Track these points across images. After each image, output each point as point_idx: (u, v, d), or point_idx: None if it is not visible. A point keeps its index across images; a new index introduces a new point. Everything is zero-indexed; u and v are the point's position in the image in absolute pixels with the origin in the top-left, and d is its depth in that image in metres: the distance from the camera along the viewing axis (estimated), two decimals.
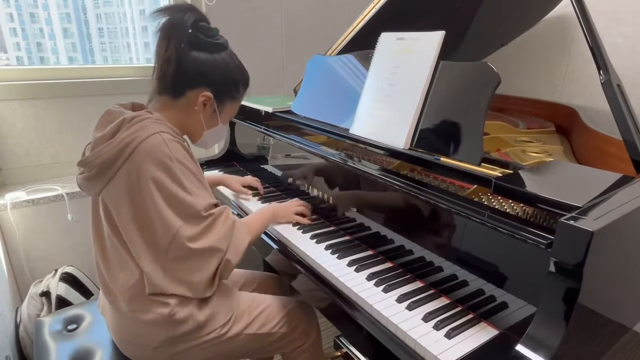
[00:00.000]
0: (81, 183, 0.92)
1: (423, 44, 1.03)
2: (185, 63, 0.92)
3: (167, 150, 0.85)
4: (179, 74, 0.93)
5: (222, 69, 0.97)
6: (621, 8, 1.56)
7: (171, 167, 0.85)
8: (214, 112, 1.01)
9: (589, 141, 1.18)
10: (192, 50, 0.93)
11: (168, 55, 0.91)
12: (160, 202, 0.85)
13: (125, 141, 0.85)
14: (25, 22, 4.17)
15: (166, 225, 0.86)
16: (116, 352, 1.02)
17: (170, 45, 0.90)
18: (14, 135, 1.65)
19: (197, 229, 0.88)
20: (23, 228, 1.58)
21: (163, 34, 0.90)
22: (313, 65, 1.44)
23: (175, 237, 0.86)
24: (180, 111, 0.97)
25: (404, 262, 0.96)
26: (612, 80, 0.90)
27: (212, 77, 0.96)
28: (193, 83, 0.95)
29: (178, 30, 0.90)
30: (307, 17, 2.15)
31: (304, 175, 1.31)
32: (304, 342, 1.12)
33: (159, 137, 0.86)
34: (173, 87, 0.95)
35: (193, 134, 1.03)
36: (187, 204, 0.87)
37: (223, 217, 0.93)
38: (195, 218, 0.88)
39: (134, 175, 0.85)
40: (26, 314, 1.43)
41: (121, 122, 0.87)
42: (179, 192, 0.86)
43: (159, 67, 0.93)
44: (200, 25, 0.93)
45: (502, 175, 0.82)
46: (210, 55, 0.95)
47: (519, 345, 0.64)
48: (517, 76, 1.95)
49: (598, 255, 0.61)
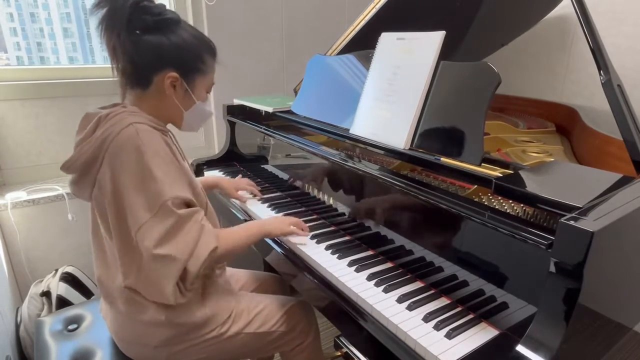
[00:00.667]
0: (71, 189, 0.92)
1: (423, 44, 1.03)
2: (140, 50, 0.87)
3: (137, 141, 0.83)
4: (137, 63, 0.89)
5: (179, 45, 0.90)
6: (622, 8, 1.55)
7: (142, 157, 0.83)
8: (186, 92, 0.95)
9: (590, 141, 1.18)
10: (142, 35, 0.87)
11: (122, 47, 0.86)
12: (132, 194, 0.83)
13: (102, 137, 0.84)
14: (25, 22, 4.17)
15: (134, 216, 0.83)
16: (116, 351, 1.02)
17: (114, 35, 0.85)
18: (15, 135, 1.65)
19: (163, 228, 0.83)
20: (23, 228, 1.58)
21: (105, 25, 0.85)
22: (313, 65, 1.44)
23: (139, 233, 0.83)
24: (154, 100, 0.93)
25: (405, 262, 0.96)
26: (612, 81, 0.90)
27: (171, 56, 0.90)
28: (155, 68, 0.90)
29: (118, 17, 0.84)
30: (308, 17, 2.15)
31: (304, 175, 1.31)
32: (303, 340, 1.13)
33: (132, 128, 0.84)
34: (138, 78, 0.91)
35: (175, 120, 0.99)
36: (154, 192, 0.83)
37: (192, 220, 0.87)
38: (163, 212, 0.83)
39: (110, 169, 0.84)
40: (26, 313, 1.43)
41: (97, 120, 0.87)
42: (148, 182, 0.83)
43: (115, 62, 0.89)
44: (142, 6, 0.86)
45: (503, 175, 0.82)
46: (163, 35, 0.88)
47: (519, 346, 0.64)
48: (518, 76, 1.95)
49: (598, 255, 0.61)
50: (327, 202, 1.21)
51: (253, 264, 1.56)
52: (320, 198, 1.24)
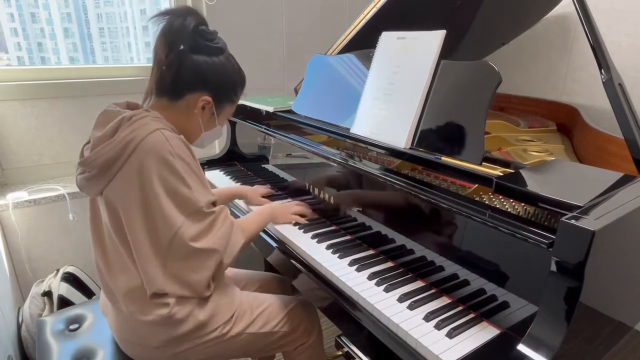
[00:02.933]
0: (81, 184, 0.92)
1: (424, 43, 1.03)
2: (185, 67, 0.93)
3: (169, 147, 0.86)
4: (178, 77, 0.93)
5: (221, 72, 0.97)
6: (622, 6, 1.55)
7: (173, 163, 0.86)
8: (213, 115, 1.01)
9: (591, 140, 1.18)
10: (192, 54, 0.93)
11: (169, 60, 0.91)
12: (163, 198, 0.85)
13: (126, 139, 0.85)
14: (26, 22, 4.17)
15: (168, 221, 0.86)
16: (118, 351, 1.02)
17: (171, 49, 0.91)
18: (16, 136, 1.65)
19: (199, 227, 0.89)
20: (25, 228, 1.59)
21: (164, 38, 0.90)
22: (314, 65, 1.44)
23: (177, 235, 0.87)
24: (179, 113, 0.97)
25: (405, 261, 0.96)
26: (613, 79, 0.90)
27: (211, 81, 0.96)
28: (192, 87, 0.95)
29: (179, 34, 0.90)
30: (308, 16, 2.15)
31: (305, 174, 1.31)
32: (305, 340, 1.13)
33: (159, 133, 0.86)
34: (172, 90, 0.95)
35: (190, 135, 1.02)
36: (190, 200, 0.87)
37: (222, 216, 0.94)
38: (198, 214, 0.89)
39: (137, 173, 0.85)
40: (28, 313, 1.43)
41: (120, 120, 0.87)
42: (182, 187, 0.87)
43: (157, 70, 0.93)
44: (201, 30, 0.93)
45: (503, 174, 0.82)
46: (209, 59, 0.95)
47: (520, 345, 0.64)
48: (518, 75, 1.94)
49: (599, 254, 0.61)
50: (328, 201, 1.21)
51: (254, 263, 1.57)
52: (320, 197, 1.24)
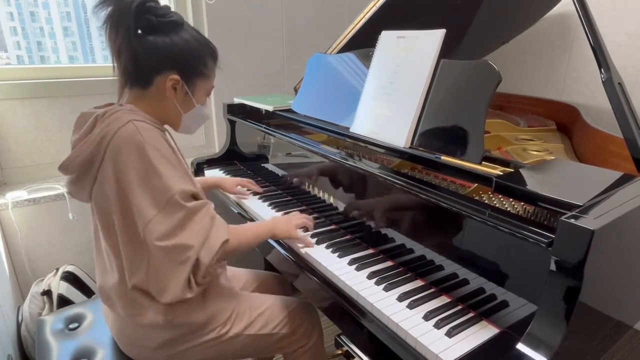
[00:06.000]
0: (70, 190, 0.91)
1: (424, 43, 1.03)
2: (143, 50, 0.87)
3: (139, 137, 0.83)
4: (139, 62, 0.88)
5: (182, 47, 0.91)
6: (622, 5, 1.55)
7: (144, 153, 0.82)
8: (187, 94, 0.95)
9: (590, 139, 1.18)
10: (146, 35, 0.87)
11: (124, 47, 0.86)
12: (137, 190, 0.82)
13: (100, 135, 0.83)
14: (25, 21, 4.16)
15: (141, 214, 0.82)
16: (117, 351, 1.02)
17: (119, 34, 0.85)
18: (15, 135, 1.65)
19: (169, 224, 0.83)
20: (24, 227, 1.58)
21: (110, 24, 0.85)
22: (313, 64, 1.44)
23: (145, 231, 0.82)
24: (153, 100, 0.93)
25: (405, 260, 0.96)
26: (613, 79, 0.90)
27: (174, 58, 0.90)
28: (157, 69, 0.90)
29: (124, 16, 0.84)
30: (308, 15, 2.15)
31: (305, 174, 1.31)
32: (305, 342, 1.12)
33: (131, 125, 0.84)
34: (139, 78, 0.91)
35: (172, 122, 0.99)
36: (162, 189, 0.83)
37: (203, 211, 0.88)
38: (171, 206, 0.83)
39: (112, 167, 0.83)
40: (28, 312, 1.43)
41: (94, 119, 0.86)
42: (153, 177, 0.83)
43: (117, 61, 0.89)
44: (148, 7, 0.86)
45: (503, 173, 0.82)
46: (167, 37, 0.89)
47: (519, 344, 0.64)
48: (518, 74, 1.94)
49: (599, 253, 0.61)
50: (328, 200, 1.21)
51: (253, 262, 1.56)
52: (320, 197, 1.24)
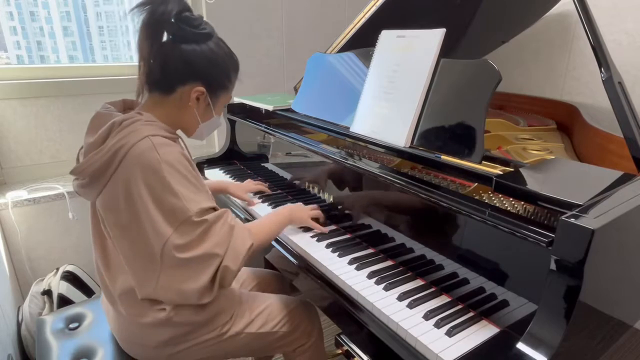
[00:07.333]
0: (77, 190, 0.91)
1: (423, 42, 1.02)
2: (173, 59, 0.88)
3: (155, 155, 0.82)
4: (167, 70, 0.88)
5: (211, 60, 0.91)
6: (622, 5, 1.55)
7: (160, 172, 0.81)
8: (208, 105, 0.96)
9: (590, 139, 1.18)
10: (179, 44, 0.87)
11: (155, 52, 0.86)
12: (150, 209, 0.81)
13: (115, 147, 0.82)
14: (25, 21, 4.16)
15: (157, 232, 0.82)
16: (118, 350, 1.02)
17: (154, 41, 0.86)
18: (15, 134, 1.65)
19: (189, 238, 0.83)
20: (24, 227, 1.58)
21: (145, 30, 0.85)
22: (313, 63, 1.44)
23: (165, 246, 0.82)
24: (173, 107, 0.93)
25: (405, 260, 0.96)
26: (613, 78, 0.90)
27: (202, 70, 0.91)
28: (183, 79, 0.90)
29: (162, 24, 0.85)
30: (308, 15, 2.15)
31: (305, 173, 1.31)
32: (305, 341, 1.12)
33: (147, 141, 0.82)
34: (163, 85, 0.91)
35: (188, 129, 0.99)
36: (178, 210, 0.82)
37: (220, 222, 0.87)
38: (187, 225, 0.83)
39: (124, 182, 0.82)
40: (28, 312, 1.43)
41: (110, 126, 0.84)
42: (169, 197, 0.82)
43: (144, 65, 0.88)
44: (184, 17, 0.87)
45: (503, 173, 0.82)
46: (198, 47, 0.89)
47: (519, 343, 0.64)
48: (518, 73, 1.94)
49: (599, 253, 0.61)
50: (328, 200, 1.21)
51: (253, 261, 1.56)
52: (320, 196, 1.24)
